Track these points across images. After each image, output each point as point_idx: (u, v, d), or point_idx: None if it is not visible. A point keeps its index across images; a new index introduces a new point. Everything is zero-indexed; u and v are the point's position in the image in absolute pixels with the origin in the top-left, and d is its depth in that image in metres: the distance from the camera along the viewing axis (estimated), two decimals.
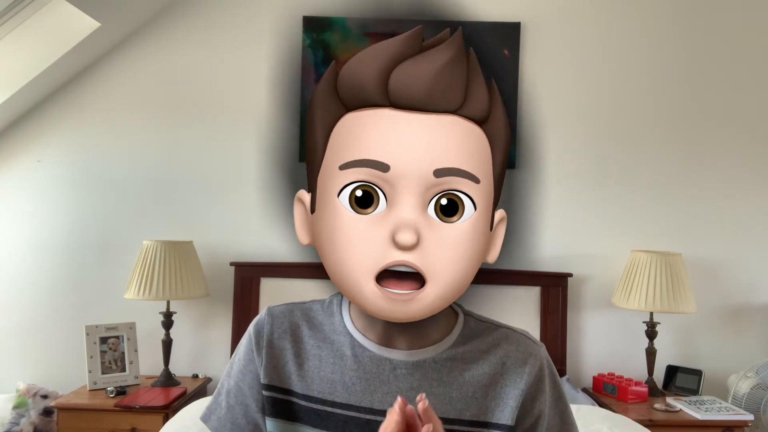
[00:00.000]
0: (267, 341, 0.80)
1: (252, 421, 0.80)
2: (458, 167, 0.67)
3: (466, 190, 0.68)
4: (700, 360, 2.70)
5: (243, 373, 0.81)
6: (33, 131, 2.77)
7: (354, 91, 0.69)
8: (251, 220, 2.75)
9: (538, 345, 0.81)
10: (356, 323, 0.78)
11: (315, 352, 0.79)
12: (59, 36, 2.50)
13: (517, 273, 2.62)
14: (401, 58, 0.67)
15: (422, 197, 0.67)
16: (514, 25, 2.71)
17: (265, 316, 0.82)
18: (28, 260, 2.77)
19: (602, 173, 2.76)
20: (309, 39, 2.73)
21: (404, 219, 0.66)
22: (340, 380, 0.76)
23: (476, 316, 0.82)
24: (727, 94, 2.76)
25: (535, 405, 0.77)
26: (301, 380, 0.78)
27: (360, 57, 0.70)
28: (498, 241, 0.76)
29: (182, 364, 2.70)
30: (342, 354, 0.77)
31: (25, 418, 2.50)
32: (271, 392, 0.79)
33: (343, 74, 0.70)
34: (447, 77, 0.67)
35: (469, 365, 0.77)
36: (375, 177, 0.67)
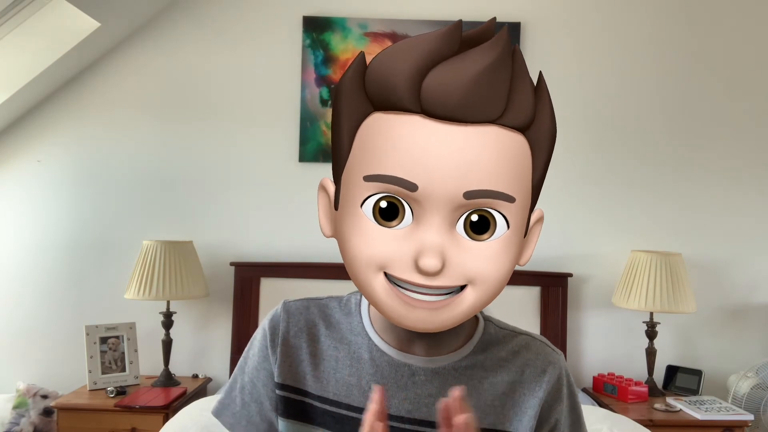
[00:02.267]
0: (282, 339, 0.77)
1: (266, 420, 0.77)
2: (491, 189, 0.61)
3: (500, 209, 0.63)
4: (700, 360, 2.70)
5: (257, 369, 0.78)
6: (33, 131, 2.77)
7: (383, 91, 0.63)
8: (251, 220, 2.75)
9: (557, 353, 0.79)
10: (375, 324, 0.76)
11: (331, 353, 0.76)
12: (59, 36, 2.50)
13: (517, 273, 2.59)
14: (437, 59, 0.61)
15: (450, 216, 0.62)
16: (514, 25, 2.71)
17: (280, 312, 0.79)
18: (28, 260, 2.77)
19: (602, 173, 2.76)
20: (309, 39, 2.73)
21: (430, 242, 0.61)
22: (356, 384, 0.74)
23: (496, 321, 0.80)
24: (727, 95, 2.76)
25: (551, 414, 0.76)
26: (316, 381, 0.76)
27: (392, 53, 0.64)
28: (532, 243, 0.72)
29: (182, 364, 2.70)
30: (359, 357, 0.75)
31: (25, 418, 2.50)
32: (285, 392, 0.77)
33: (372, 69, 0.64)
34: (486, 84, 0.60)
35: (489, 373, 0.75)
36: (401, 193, 0.62)
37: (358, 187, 0.64)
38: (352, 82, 0.65)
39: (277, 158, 2.74)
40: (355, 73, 0.65)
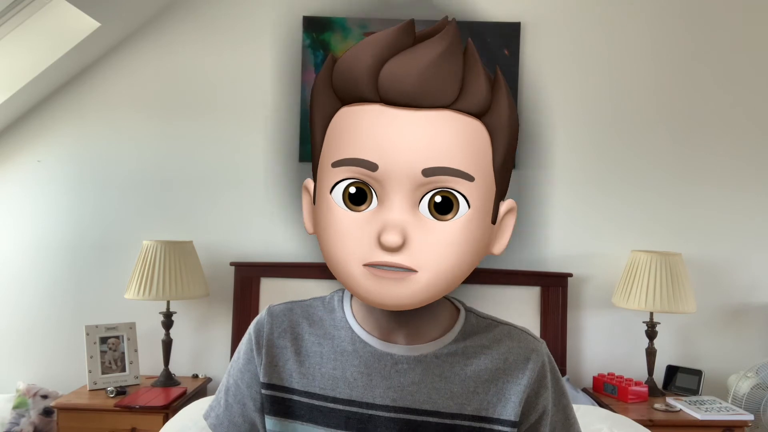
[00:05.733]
0: (267, 340, 0.80)
1: (249, 420, 0.80)
2: (448, 166, 0.65)
3: (459, 189, 0.66)
4: (700, 360, 2.70)
5: (242, 372, 0.81)
6: (33, 131, 2.77)
7: (347, 86, 0.68)
8: (251, 220, 2.75)
9: (539, 341, 0.81)
10: (357, 317, 0.78)
11: (316, 348, 0.79)
12: (59, 36, 2.50)
13: (517, 273, 2.62)
14: (393, 51, 0.65)
15: (412, 196, 0.65)
16: (514, 25, 2.71)
17: (265, 315, 0.82)
18: (28, 260, 2.77)
19: (602, 173, 2.76)
20: (309, 39, 2.73)
21: (391, 219, 0.65)
22: (341, 376, 0.76)
23: (477, 312, 0.82)
24: (727, 95, 2.76)
25: (539, 401, 0.78)
26: (302, 378, 0.78)
27: (353, 51, 0.68)
28: (505, 232, 0.74)
29: (182, 364, 2.70)
30: (343, 350, 0.77)
31: (25, 418, 2.50)
32: (271, 391, 0.79)
33: (337, 68, 0.69)
34: (438, 71, 0.64)
35: (471, 360, 0.77)
36: (365, 175, 0.66)
37: (327, 176, 0.69)
38: (323, 82, 0.71)
39: (277, 158, 2.74)
40: (324, 75, 0.71)
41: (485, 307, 0.85)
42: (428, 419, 0.74)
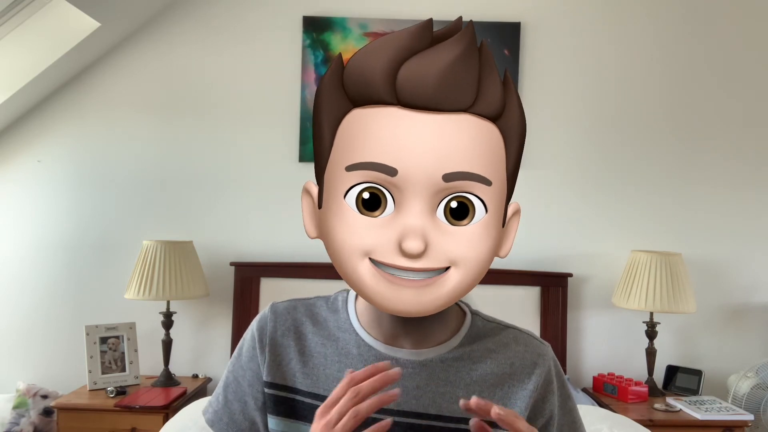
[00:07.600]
0: (270, 339, 0.79)
1: (249, 418, 0.79)
2: (468, 171, 0.64)
3: (477, 193, 0.65)
4: (700, 360, 2.70)
5: (244, 369, 0.80)
6: (33, 131, 2.77)
7: (360, 87, 0.66)
8: (251, 220, 2.75)
9: (545, 345, 0.80)
10: (361, 320, 0.77)
11: (320, 349, 0.78)
12: (59, 36, 2.50)
13: (517, 273, 2.62)
14: (410, 53, 0.64)
15: (431, 201, 0.64)
16: (514, 25, 2.71)
17: (268, 313, 0.81)
18: (28, 260, 2.77)
19: (602, 173, 2.76)
20: (309, 39, 2.73)
21: (411, 225, 0.63)
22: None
23: (483, 315, 0.81)
24: (728, 95, 2.76)
25: (545, 406, 0.77)
26: (306, 378, 0.77)
27: (367, 51, 0.67)
28: (510, 235, 0.73)
29: (182, 364, 2.70)
30: (347, 352, 0.76)
31: (25, 418, 2.50)
32: (273, 390, 0.78)
33: (349, 68, 0.68)
34: (457, 74, 0.63)
35: (476, 365, 0.76)
36: (382, 180, 0.64)
37: (340, 179, 0.66)
38: (331, 82, 0.69)
39: (277, 158, 2.74)
40: (334, 73, 0.69)
41: (485, 307, 0.85)
42: (433, 423, 0.74)
